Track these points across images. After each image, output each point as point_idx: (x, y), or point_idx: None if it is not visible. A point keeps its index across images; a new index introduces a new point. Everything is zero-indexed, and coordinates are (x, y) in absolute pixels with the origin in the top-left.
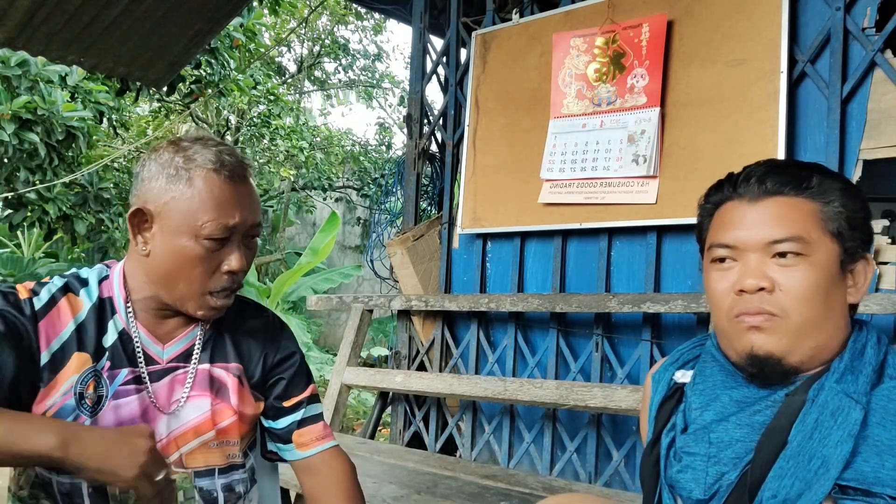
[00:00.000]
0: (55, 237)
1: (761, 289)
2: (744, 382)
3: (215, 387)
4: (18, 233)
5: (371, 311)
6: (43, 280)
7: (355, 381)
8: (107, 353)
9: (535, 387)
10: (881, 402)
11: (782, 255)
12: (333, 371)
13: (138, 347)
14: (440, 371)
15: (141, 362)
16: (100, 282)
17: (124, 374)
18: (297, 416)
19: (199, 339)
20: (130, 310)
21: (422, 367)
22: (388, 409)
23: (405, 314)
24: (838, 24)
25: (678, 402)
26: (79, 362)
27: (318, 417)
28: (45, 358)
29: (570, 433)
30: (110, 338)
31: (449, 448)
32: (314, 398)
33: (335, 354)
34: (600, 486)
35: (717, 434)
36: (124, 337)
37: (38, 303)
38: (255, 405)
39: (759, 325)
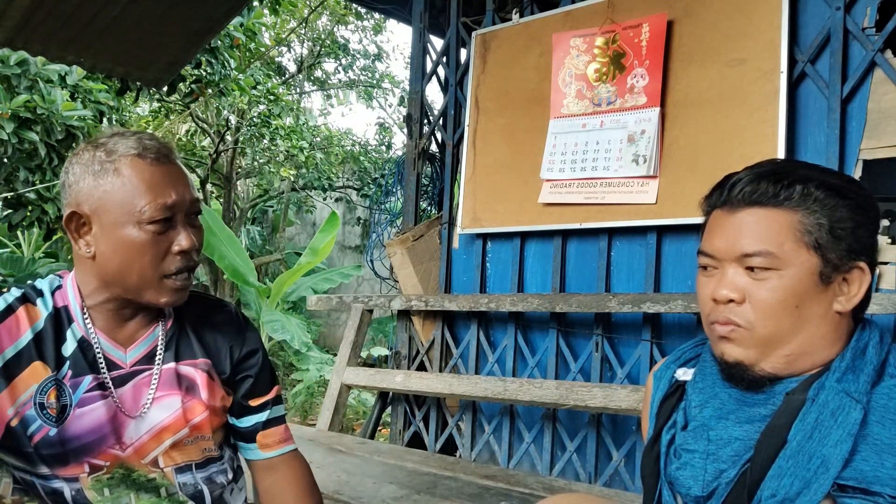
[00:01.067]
0: (55, 237)
1: (731, 300)
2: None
3: (184, 384)
4: (18, 233)
5: (371, 311)
6: (2, 290)
7: (355, 381)
8: (67, 362)
9: (535, 387)
10: (881, 400)
11: (753, 268)
12: (333, 371)
13: (99, 354)
14: (440, 371)
15: (103, 369)
16: (53, 292)
17: (88, 380)
18: (263, 416)
19: (162, 339)
20: (87, 317)
21: (422, 367)
22: (388, 409)
23: (405, 314)
24: (838, 24)
25: (679, 400)
26: (37, 371)
27: (282, 419)
28: None
29: (570, 433)
30: (69, 346)
31: (449, 448)
32: (278, 399)
33: (335, 354)
34: (600, 486)
35: (716, 431)
36: (84, 345)
37: None
38: (225, 398)
39: (726, 334)
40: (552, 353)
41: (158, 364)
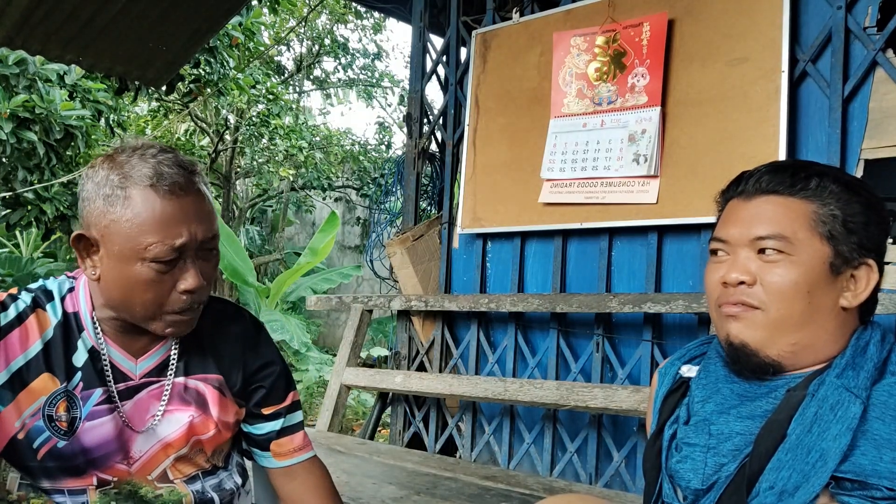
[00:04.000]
0: (53, 237)
1: (742, 282)
2: (733, 369)
3: (192, 399)
4: (17, 232)
5: (371, 311)
6: (10, 291)
7: (355, 382)
8: (79, 373)
9: (535, 387)
10: (881, 397)
11: (766, 251)
12: (333, 371)
13: (107, 365)
14: (440, 371)
15: (110, 380)
16: (65, 295)
17: (98, 394)
18: (276, 425)
19: (175, 350)
20: (97, 326)
21: (422, 368)
22: (388, 410)
23: (405, 314)
24: (839, 24)
25: (683, 396)
26: (46, 383)
27: (298, 427)
28: (2, 378)
29: (571, 434)
30: (81, 357)
31: (449, 449)
32: (294, 406)
33: (335, 354)
34: (601, 486)
35: (717, 426)
36: (94, 355)
37: (3, 319)
38: (237, 412)
39: (736, 314)
40: (552, 353)
41: (170, 377)
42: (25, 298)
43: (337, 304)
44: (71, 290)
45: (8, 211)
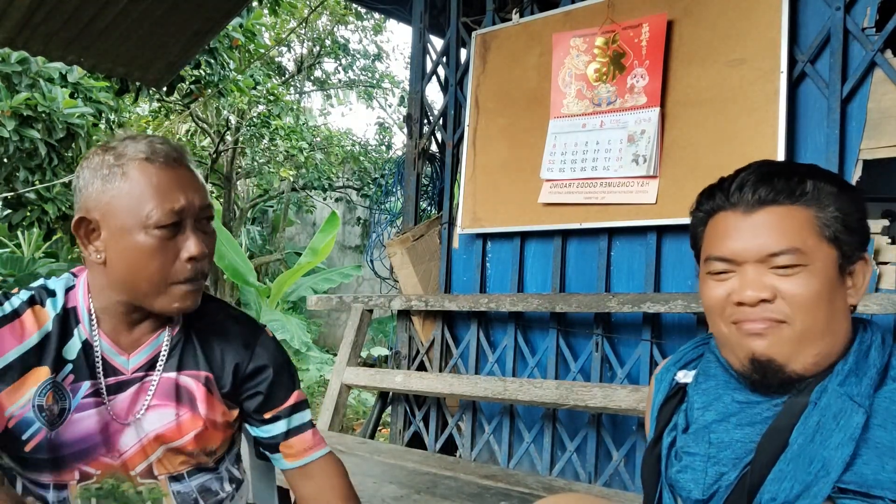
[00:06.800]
0: (55, 237)
1: (762, 300)
2: (747, 383)
3: (181, 395)
4: (18, 233)
5: (371, 311)
6: (12, 291)
7: (355, 381)
8: (69, 365)
9: (534, 387)
10: (884, 404)
11: (781, 266)
12: (333, 371)
13: (98, 359)
14: (440, 371)
15: (100, 374)
16: (67, 291)
17: (86, 386)
18: (281, 427)
19: (166, 346)
20: (94, 319)
21: (422, 367)
22: (388, 409)
23: (405, 314)
24: (838, 24)
25: (680, 402)
26: (38, 375)
27: (306, 426)
28: None
29: (570, 433)
30: (73, 349)
31: (449, 448)
32: (298, 406)
33: (335, 354)
34: (600, 485)
35: (717, 434)
36: (87, 348)
37: None
38: (227, 413)
39: (760, 331)
40: (552, 353)
41: (159, 371)
42: (22, 296)
43: (337, 303)
44: (73, 287)
45: (9, 211)
